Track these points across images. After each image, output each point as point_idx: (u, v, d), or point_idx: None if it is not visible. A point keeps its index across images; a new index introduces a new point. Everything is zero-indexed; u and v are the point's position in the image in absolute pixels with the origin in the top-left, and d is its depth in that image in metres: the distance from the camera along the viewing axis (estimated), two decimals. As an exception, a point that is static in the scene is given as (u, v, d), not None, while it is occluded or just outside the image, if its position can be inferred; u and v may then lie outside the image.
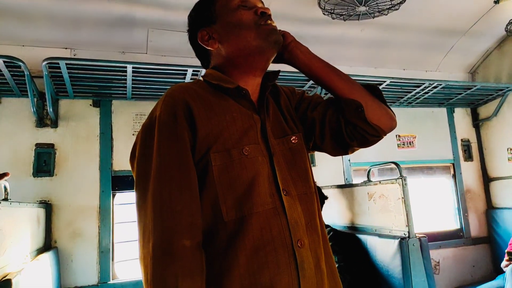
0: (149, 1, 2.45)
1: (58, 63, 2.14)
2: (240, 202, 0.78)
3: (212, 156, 0.79)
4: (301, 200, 0.86)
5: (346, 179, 3.21)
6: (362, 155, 3.13)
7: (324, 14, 2.53)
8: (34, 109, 2.39)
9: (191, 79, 2.46)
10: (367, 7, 2.43)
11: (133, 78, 2.39)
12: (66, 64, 2.15)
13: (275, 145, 0.88)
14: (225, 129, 0.82)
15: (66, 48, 2.58)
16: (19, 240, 1.78)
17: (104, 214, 2.55)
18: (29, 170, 2.45)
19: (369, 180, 2.38)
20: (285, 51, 0.97)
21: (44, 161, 2.50)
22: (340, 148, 0.98)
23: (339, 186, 2.70)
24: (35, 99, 2.44)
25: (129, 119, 2.73)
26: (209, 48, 0.93)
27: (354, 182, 3.19)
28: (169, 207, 0.74)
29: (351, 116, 0.92)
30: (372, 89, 0.97)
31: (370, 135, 0.93)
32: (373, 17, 2.58)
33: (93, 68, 2.29)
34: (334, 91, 0.96)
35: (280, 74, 1.00)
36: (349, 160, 3.24)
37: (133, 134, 2.71)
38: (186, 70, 2.37)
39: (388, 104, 1.02)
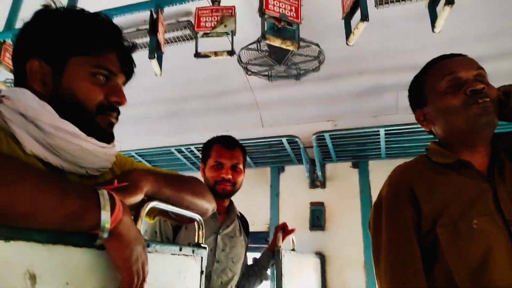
0: (397, 66, 2.64)
1: (323, 135, 2.60)
2: (475, 275, 0.78)
3: (438, 231, 0.83)
4: None
5: None
6: None
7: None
8: (307, 173, 2.94)
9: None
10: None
11: (386, 139, 2.58)
12: (330, 135, 2.58)
13: None
14: (449, 203, 0.84)
15: (328, 121, 3.08)
16: (303, 283, 2.18)
17: (369, 269, 2.71)
18: (306, 224, 2.95)
19: None
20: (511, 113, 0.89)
21: (317, 217, 2.96)
22: None
23: None
24: (308, 165, 2.98)
25: (385, 176, 2.87)
26: (425, 128, 1.00)
27: None
28: (397, 282, 0.84)
29: None
30: None
31: None
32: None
33: (351, 135, 2.63)
34: None
35: None
36: None
37: (390, 191, 2.83)
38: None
39: None
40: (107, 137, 0.77)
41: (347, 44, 1.44)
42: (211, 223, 1.67)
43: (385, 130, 2.46)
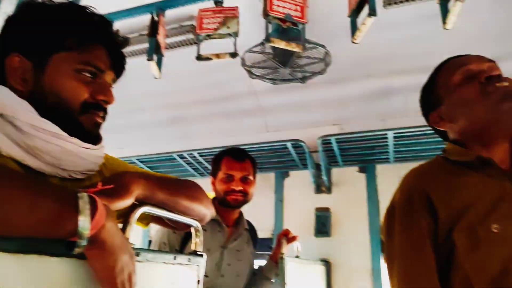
0: (405, 69, 2.58)
1: (329, 139, 2.54)
2: (496, 283, 0.72)
3: (455, 236, 0.77)
4: None
5: None
6: None
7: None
8: (313, 178, 2.87)
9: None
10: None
11: (394, 142, 2.51)
12: (336, 139, 2.52)
13: None
14: (469, 206, 0.78)
15: (334, 125, 3.01)
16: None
17: (377, 277, 2.63)
18: (311, 231, 2.88)
19: None
20: None
21: (322, 223, 2.88)
22: None
23: None
24: (313, 170, 2.91)
25: (393, 181, 2.79)
26: (441, 129, 0.94)
27: None
28: None
29: None
30: None
31: None
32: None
33: (358, 139, 2.56)
34: None
35: None
36: None
37: (398, 197, 2.76)
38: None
39: None
40: (93, 138, 0.72)
41: (353, 41, 1.39)
42: (219, 236, 1.64)
43: (394, 133, 2.39)
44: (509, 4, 2.11)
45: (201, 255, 0.81)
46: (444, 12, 1.39)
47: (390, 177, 2.82)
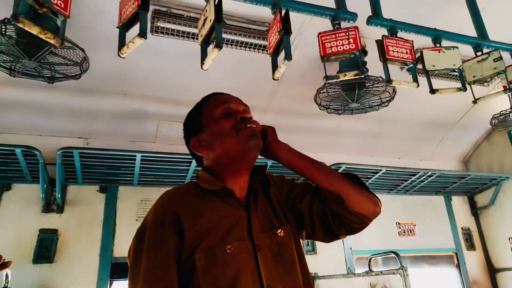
0: (161, 97, 2.69)
1: (71, 152, 2.28)
2: None
3: (196, 257, 0.84)
4: None
5: (348, 268, 3.15)
6: (364, 242, 3.14)
7: (320, 109, 2.74)
8: (43, 195, 2.47)
9: (196, 166, 2.58)
10: (359, 104, 2.65)
11: (141, 165, 2.52)
12: (80, 153, 2.30)
13: (262, 239, 0.91)
14: (210, 229, 0.87)
15: (80, 138, 2.76)
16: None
17: (101, 304, 2.48)
18: (30, 256, 2.44)
19: (370, 270, 2.36)
20: (267, 150, 1.04)
21: (46, 247, 2.49)
22: (330, 235, 1.01)
23: (341, 276, 2.65)
24: (45, 185, 2.52)
25: (134, 204, 2.79)
26: (199, 154, 1.03)
27: (358, 270, 3.13)
28: None
29: (333, 207, 0.96)
30: (352, 177, 1.01)
31: (354, 223, 0.96)
32: (365, 112, 2.79)
33: (104, 157, 2.42)
34: (315, 183, 1.02)
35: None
36: (350, 248, 3.21)
37: (136, 220, 2.74)
38: (192, 158, 2.50)
39: (385, 191, 1.06)
40: None
41: (119, 55, 1.32)
42: None
43: (142, 156, 2.40)
44: (249, 65, 2.58)
45: None
46: (204, 54, 1.54)
47: (131, 200, 2.81)
